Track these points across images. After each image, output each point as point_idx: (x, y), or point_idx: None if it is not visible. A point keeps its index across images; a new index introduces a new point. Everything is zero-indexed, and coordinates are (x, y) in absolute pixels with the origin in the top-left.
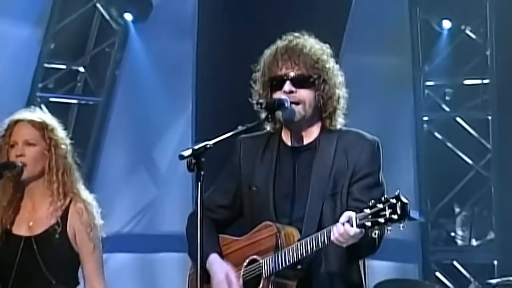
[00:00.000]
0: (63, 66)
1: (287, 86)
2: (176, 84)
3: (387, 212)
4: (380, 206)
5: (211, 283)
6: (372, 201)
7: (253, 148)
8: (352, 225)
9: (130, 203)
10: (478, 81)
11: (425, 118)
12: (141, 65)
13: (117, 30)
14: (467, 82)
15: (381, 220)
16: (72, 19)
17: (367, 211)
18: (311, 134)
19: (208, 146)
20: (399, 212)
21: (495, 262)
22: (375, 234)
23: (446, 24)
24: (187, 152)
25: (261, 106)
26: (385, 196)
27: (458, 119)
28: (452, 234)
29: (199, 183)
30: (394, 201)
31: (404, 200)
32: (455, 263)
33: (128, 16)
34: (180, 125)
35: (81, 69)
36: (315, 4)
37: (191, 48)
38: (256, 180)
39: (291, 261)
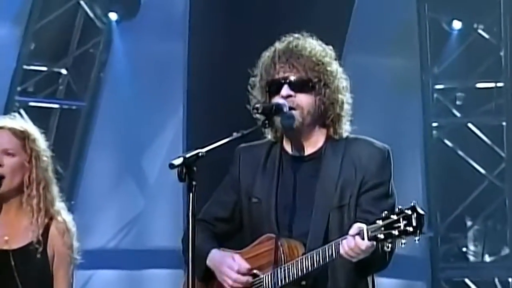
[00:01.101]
0: (44, 68)
1: (285, 90)
2: (166, 88)
3: (402, 224)
4: (394, 217)
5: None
6: (385, 212)
7: (253, 158)
8: (363, 238)
9: (116, 216)
10: (492, 84)
11: (434, 124)
12: (128, 67)
13: (102, 29)
14: (479, 85)
15: (395, 232)
16: (54, 17)
17: (380, 222)
18: (315, 143)
19: (200, 154)
20: (414, 224)
21: (510, 280)
22: (387, 247)
23: (457, 23)
24: (178, 161)
25: (258, 111)
26: (399, 206)
27: (470, 125)
28: (464, 249)
29: (191, 194)
30: (409, 212)
31: (420, 212)
32: (466, 280)
33: (113, 16)
34: (170, 132)
35: (63, 71)
36: (315, 2)
37: (182, 49)
38: (257, 191)
39: (295, 277)
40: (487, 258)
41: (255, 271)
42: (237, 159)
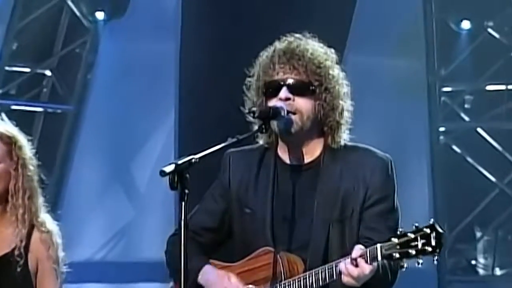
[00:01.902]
0: (27, 70)
1: (283, 92)
2: (156, 90)
3: (420, 243)
4: (411, 235)
5: None
6: (401, 229)
7: (245, 164)
8: (367, 261)
9: (104, 226)
10: (502, 87)
11: (442, 129)
12: (117, 69)
13: (89, 28)
14: (489, 87)
15: (412, 251)
16: (38, 16)
17: (395, 240)
18: (313, 151)
19: (193, 160)
20: (433, 243)
21: None
22: (401, 267)
23: (466, 22)
24: (169, 168)
25: (254, 114)
26: (416, 224)
27: (479, 130)
28: (473, 262)
29: (183, 203)
30: (428, 230)
31: (440, 230)
32: None
33: (100, 15)
34: (161, 137)
35: (48, 72)
36: (316, 0)
37: (173, 49)
38: (250, 201)
39: None
40: (498, 272)
41: (251, 286)
42: (227, 165)
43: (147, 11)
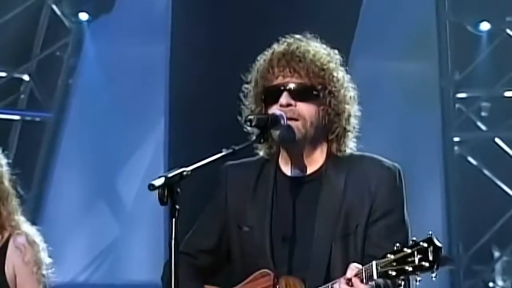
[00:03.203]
0: (3, 74)
1: (284, 98)
2: (144, 97)
3: (416, 258)
4: (408, 251)
5: None
6: (397, 244)
7: (243, 178)
8: (362, 281)
9: (87, 245)
10: None
11: (456, 139)
12: (101, 73)
13: (70, 29)
14: (508, 94)
15: (408, 268)
16: (14, 16)
17: (391, 256)
18: (315, 161)
19: (185, 173)
20: (431, 258)
21: None
22: (399, 286)
23: (483, 23)
24: (159, 181)
25: (252, 123)
26: (413, 238)
27: (497, 140)
28: (491, 284)
29: (174, 220)
30: (425, 245)
31: (438, 244)
32: None
33: (83, 15)
34: (149, 148)
35: (26, 77)
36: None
37: (163, 52)
38: (248, 218)
39: None
40: None
41: None
42: (223, 180)
43: (134, 11)
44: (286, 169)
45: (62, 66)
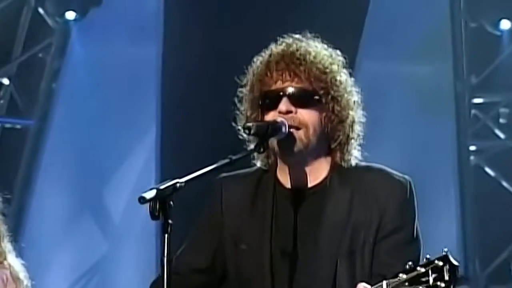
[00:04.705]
0: None
1: (284, 104)
2: (134, 103)
3: (431, 278)
4: (421, 269)
5: None
6: (410, 263)
7: (239, 191)
8: None
9: (72, 262)
10: None
11: (472, 148)
12: (87, 77)
13: (54, 29)
14: None
15: None
16: None
17: (403, 276)
18: (318, 173)
19: (178, 185)
20: (446, 278)
21: None
22: None
23: (504, 22)
24: (150, 194)
25: (250, 131)
26: (427, 255)
27: None
28: None
29: (166, 235)
30: (440, 263)
31: (454, 262)
32: None
33: (70, 15)
34: (140, 158)
35: (5, 81)
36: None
37: (154, 55)
38: (246, 235)
39: None
40: None
41: None
42: (218, 193)
43: (124, 10)
44: (285, 181)
45: (45, 69)
